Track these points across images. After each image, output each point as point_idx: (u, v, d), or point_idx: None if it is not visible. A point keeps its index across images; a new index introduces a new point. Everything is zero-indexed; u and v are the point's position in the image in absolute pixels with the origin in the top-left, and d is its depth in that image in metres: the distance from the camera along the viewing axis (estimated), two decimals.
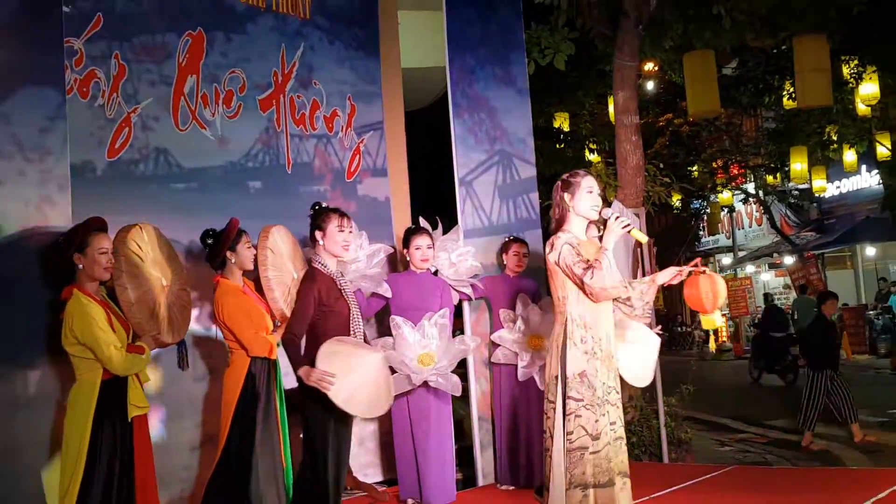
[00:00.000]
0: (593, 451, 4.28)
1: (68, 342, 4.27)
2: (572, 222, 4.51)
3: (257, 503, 4.79)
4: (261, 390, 4.90)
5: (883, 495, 5.57)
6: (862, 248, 24.21)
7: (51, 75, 4.78)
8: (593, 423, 4.30)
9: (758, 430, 11.83)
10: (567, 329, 4.37)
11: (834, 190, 23.47)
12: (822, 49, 9.91)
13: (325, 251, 4.98)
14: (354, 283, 5.89)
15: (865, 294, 24.25)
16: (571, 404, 4.29)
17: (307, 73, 6.67)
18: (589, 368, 4.33)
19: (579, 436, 4.27)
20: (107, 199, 5.24)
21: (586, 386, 4.31)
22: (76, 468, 4.16)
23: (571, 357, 4.33)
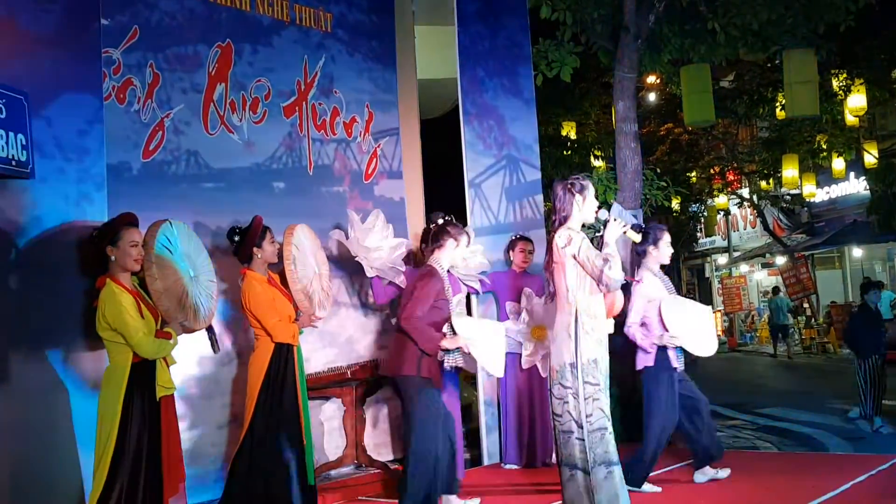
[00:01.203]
0: (611, 432, 4.38)
1: (101, 328, 4.27)
2: (574, 222, 4.54)
3: (280, 480, 4.83)
4: (283, 374, 4.96)
5: (861, 479, 5.52)
6: (849, 249, 24.07)
7: (89, 83, 4.78)
8: (606, 406, 4.39)
9: (748, 417, 11.77)
10: (578, 318, 4.39)
11: (823, 195, 23.33)
12: (810, 62, 9.82)
13: (444, 258, 5.21)
14: (374, 269, 5.92)
15: (852, 292, 24.08)
16: (589, 388, 4.36)
17: (328, 82, 6.67)
18: (599, 356, 4.39)
19: (598, 417, 4.36)
20: (141, 196, 5.27)
21: (600, 372, 4.41)
22: (108, 443, 4.17)
23: (585, 344, 4.37)
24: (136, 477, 4.22)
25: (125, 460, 4.19)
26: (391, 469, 6.10)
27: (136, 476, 4.22)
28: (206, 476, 5.37)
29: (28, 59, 4.46)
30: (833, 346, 20.67)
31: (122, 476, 4.17)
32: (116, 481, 4.16)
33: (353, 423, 6.15)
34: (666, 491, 5.58)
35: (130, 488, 4.19)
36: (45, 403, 4.35)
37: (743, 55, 10.24)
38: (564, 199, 4.56)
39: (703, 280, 32.61)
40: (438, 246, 5.22)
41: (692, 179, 21.49)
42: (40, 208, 4.44)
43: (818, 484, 5.41)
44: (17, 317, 4.30)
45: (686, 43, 8.97)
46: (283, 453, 4.85)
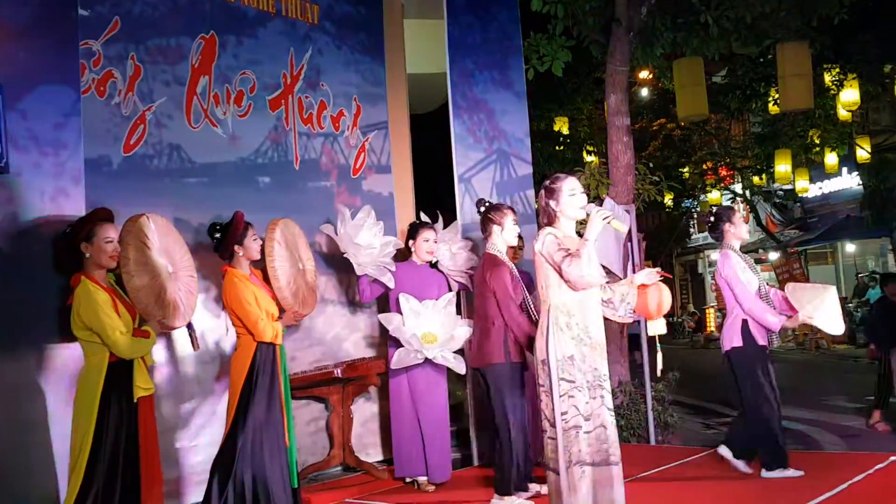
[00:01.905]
0: (587, 431, 4.17)
1: (76, 327, 4.20)
2: (561, 224, 4.38)
3: (261, 481, 4.73)
4: (266, 374, 4.87)
5: (859, 479, 5.42)
6: (842, 244, 24.11)
7: (67, 74, 4.68)
8: (584, 405, 4.18)
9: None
10: (551, 315, 4.24)
11: (816, 190, 23.31)
12: (803, 55, 9.70)
13: (503, 241, 5.32)
14: (363, 267, 5.80)
15: (845, 288, 24.10)
16: (564, 385, 4.17)
17: (315, 75, 6.56)
18: (577, 353, 4.20)
19: (573, 415, 4.17)
20: (122, 191, 5.18)
21: (577, 369, 4.19)
22: (84, 444, 4.10)
23: (557, 341, 4.20)
24: (112, 480, 4.13)
25: (101, 463, 4.11)
26: (379, 470, 5.98)
27: (113, 479, 4.14)
28: (188, 479, 5.25)
29: (2, 50, 4.35)
30: (826, 341, 20.61)
31: (98, 479, 4.10)
32: (92, 485, 4.08)
33: (341, 423, 6.03)
34: (660, 488, 5.48)
35: (106, 492, 4.11)
36: (19, 404, 4.25)
37: (736, 49, 10.14)
38: (543, 203, 4.43)
39: (696, 276, 32.61)
40: (487, 235, 5.37)
41: (685, 175, 21.44)
42: (15, 204, 4.35)
43: (815, 484, 5.31)
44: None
45: (678, 36, 8.87)
46: (266, 455, 4.74)
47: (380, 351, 6.42)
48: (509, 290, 5.11)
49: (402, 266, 6.03)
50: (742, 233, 5.77)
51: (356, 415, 6.25)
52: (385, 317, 5.77)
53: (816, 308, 5.56)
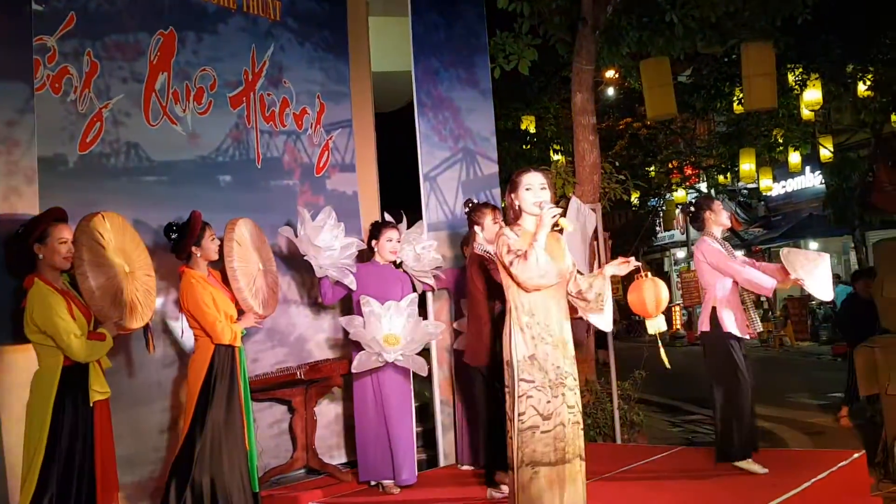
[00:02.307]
0: (544, 431, 4.10)
1: (30, 330, 4.10)
2: (525, 220, 4.31)
3: (220, 485, 4.65)
4: (224, 377, 4.80)
5: (822, 476, 5.41)
6: (805, 242, 24.28)
7: (19, 70, 4.55)
8: (544, 404, 4.11)
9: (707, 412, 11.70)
10: (511, 316, 4.19)
11: (780, 189, 23.55)
12: (767, 55, 9.76)
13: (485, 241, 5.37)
14: (323, 269, 5.70)
15: None
16: (523, 385, 4.12)
17: (277, 72, 6.46)
18: (538, 353, 4.14)
19: (531, 415, 4.11)
20: (78, 191, 5.06)
21: (537, 368, 4.13)
22: (37, 451, 4.01)
23: (518, 342, 4.15)
24: (67, 486, 4.05)
25: (55, 469, 4.02)
26: (343, 472, 5.89)
27: (68, 485, 4.05)
28: (146, 485, 5.13)
29: None
30: (790, 339, 20.83)
31: (52, 485, 4.01)
32: (46, 491, 4.00)
33: (304, 425, 5.93)
34: (624, 487, 5.44)
35: (61, 498, 4.02)
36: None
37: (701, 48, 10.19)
38: (508, 199, 4.38)
39: (663, 274, 32.75)
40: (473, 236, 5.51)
41: (651, 174, 21.55)
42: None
43: (780, 481, 5.30)
44: None
45: (644, 35, 8.88)
46: (224, 459, 4.67)
47: (344, 352, 6.33)
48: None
49: (364, 267, 5.94)
50: (723, 219, 5.90)
51: (320, 417, 6.15)
52: (346, 319, 5.68)
53: (809, 272, 5.58)
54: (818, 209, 21.08)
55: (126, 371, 5.14)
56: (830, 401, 11.31)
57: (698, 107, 17.61)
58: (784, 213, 24.47)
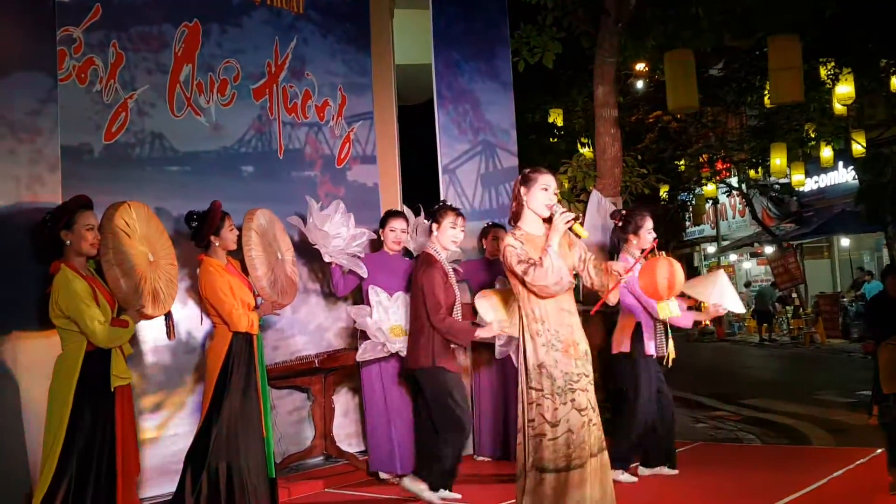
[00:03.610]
0: (551, 438, 4.15)
1: (54, 315, 4.17)
2: (526, 217, 4.31)
3: (237, 471, 4.72)
4: (242, 364, 4.85)
5: (839, 473, 5.44)
6: (838, 238, 24.10)
7: (43, 61, 4.64)
8: (552, 412, 4.15)
9: (732, 408, 11.68)
10: (524, 324, 4.23)
11: (812, 184, 23.33)
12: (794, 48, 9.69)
13: (438, 242, 5.24)
14: (334, 257, 5.78)
15: (841, 282, 24.12)
16: (532, 394, 4.18)
17: (300, 64, 6.54)
18: (547, 360, 4.18)
19: (539, 423, 4.16)
20: (103, 180, 5.16)
21: (545, 377, 4.17)
22: (58, 435, 4.06)
23: (530, 350, 4.20)
24: (86, 470, 4.11)
25: (75, 452, 4.09)
26: (360, 460, 5.98)
27: (87, 469, 4.12)
28: (166, 468, 5.23)
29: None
30: (820, 336, 20.65)
31: (71, 468, 4.07)
32: (66, 473, 4.06)
33: (322, 412, 6.03)
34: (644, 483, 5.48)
35: (80, 481, 4.09)
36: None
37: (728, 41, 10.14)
38: (516, 190, 4.34)
39: (692, 269, 32.56)
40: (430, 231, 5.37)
41: (681, 167, 21.41)
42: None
43: (797, 478, 5.32)
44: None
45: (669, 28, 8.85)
46: (241, 446, 4.73)
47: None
48: (436, 292, 5.00)
49: (374, 257, 6.00)
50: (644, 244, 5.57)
51: (338, 405, 6.24)
52: (355, 309, 5.76)
53: (722, 294, 5.46)
54: (850, 205, 20.82)
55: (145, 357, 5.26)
56: (858, 399, 11.22)
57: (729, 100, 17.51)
58: (816, 208, 24.22)
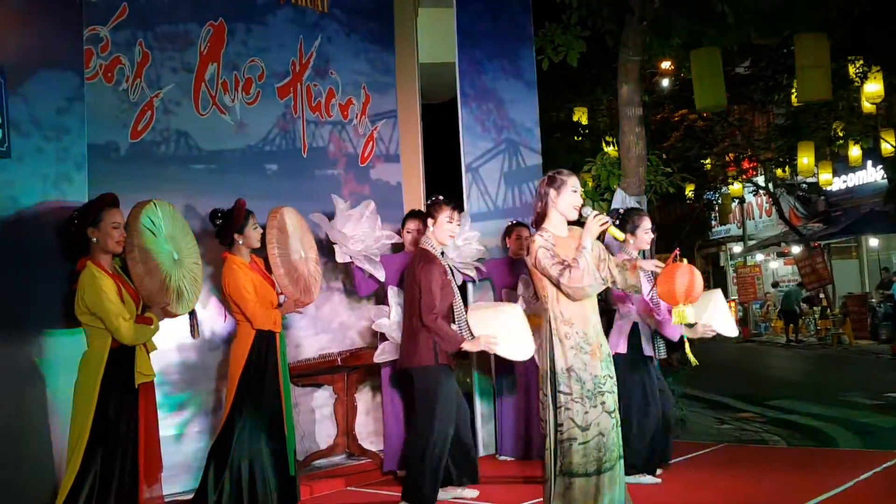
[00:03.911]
0: (582, 442, 4.15)
1: (80, 311, 4.19)
2: (552, 219, 4.31)
3: (258, 468, 4.75)
4: (264, 362, 4.87)
5: (866, 476, 5.38)
6: (866, 239, 23.88)
7: (70, 59, 4.67)
8: (582, 415, 4.15)
9: (757, 409, 11.60)
10: (552, 326, 4.21)
11: (840, 184, 23.12)
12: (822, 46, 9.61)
13: (434, 238, 5.08)
14: (354, 258, 5.80)
15: (869, 283, 23.88)
16: (561, 398, 4.17)
17: (324, 63, 6.57)
18: (576, 363, 4.17)
19: (569, 427, 4.15)
20: (129, 177, 5.18)
21: (574, 380, 4.16)
22: (83, 430, 4.09)
23: (558, 354, 4.18)
24: (110, 465, 4.14)
25: (99, 447, 4.11)
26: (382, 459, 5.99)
27: (111, 464, 4.14)
28: (191, 465, 5.28)
29: (4, 34, 4.35)
30: (848, 337, 20.46)
31: (96, 463, 4.10)
32: (90, 469, 4.09)
33: (345, 411, 6.04)
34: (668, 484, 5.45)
35: (104, 476, 4.12)
36: (19, 388, 4.26)
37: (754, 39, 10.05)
38: (542, 190, 4.34)
39: (718, 269, 32.38)
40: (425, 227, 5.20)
41: (707, 167, 21.30)
42: (16, 188, 4.36)
43: (821, 480, 5.28)
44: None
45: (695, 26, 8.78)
46: (263, 443, 4.76)
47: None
48: (433, 291, 4.88)
49: (395, 258, 6.00)
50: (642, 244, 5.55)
51: (361, 403, 6.26)
52: (375, 309, 5.77)
53: (713, 315, 5.39)
54: (879, 204, 20.68)
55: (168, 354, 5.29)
56: (886, 400, 11.13)
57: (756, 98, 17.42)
58: (844, 208, 24.00)
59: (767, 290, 27.42)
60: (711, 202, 25.61)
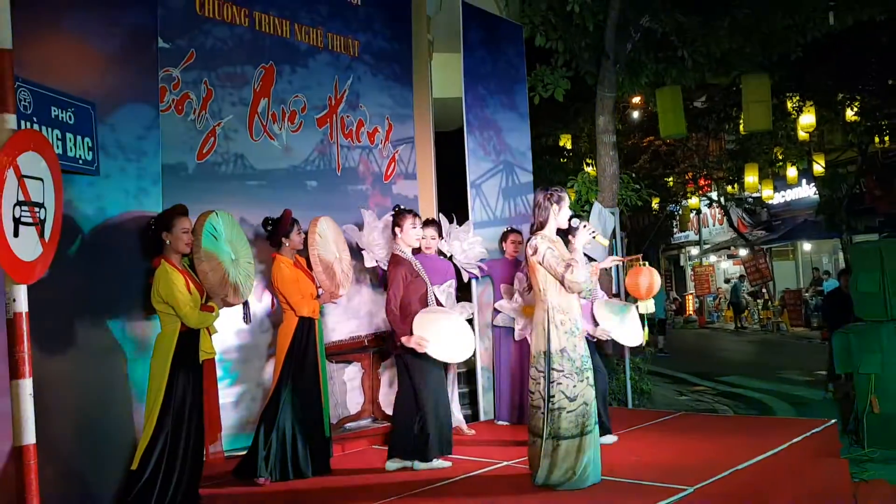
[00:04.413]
0: (570, 411, 4.21)
1: (155, 301, 4.23)
2: (550, 227, 4.40)
3: (300, 430, 4.77)
4: (305, 343, 4.89)
5: (798, 439, 5.36)
6: (801, 244, 23.80)
7: (148, 95, 4.67)
8: (571, 389, 4.21)
9: (710, 384, 11.59)
10: (549, 314, 4.25)
11: (780, 198, 23.03)
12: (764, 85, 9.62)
13: (402, 242, 5.04)
14: (374, 260, 5.82)
15: (803, 280, 23.79)
16: (554, 374, 4.22)
17: (355, 98, 6.56)
18: (568, 345, 4.22)
19: (559, 399, 4.21)
20: (196, 191, 5.20)
21: (566, 359, 4.22)
22: (157, 399, 4.13)
23: (554, 337, 4.22)
24: (178, 428, 4.17)
25: (170, 413, 4.14)
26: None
27: (179, 427, 4.18)
28: (244, 427, 5.30)
29: (96, 74, 4.37)
30: (786, 324, 20.39)
31: (168, 426, 4.14)
32: (163, 431, 4.12)
33: (371, 383, 6.06)
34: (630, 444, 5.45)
35: (174, 437, 4.16)
36: (106, 365, 4.28)
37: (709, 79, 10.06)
38: (543, 206, 4.40)
39: (679, 268, 32.28)
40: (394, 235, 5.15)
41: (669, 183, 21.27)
42: (104, 200, 4.36)
43: (762, 442, 5.25)
44: (83, 292, 4.22)
45: (659, 67, 8.79)
46: (303, 409, 4.78)
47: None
48: (394, 287, 4.86)
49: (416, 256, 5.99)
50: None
51: (384, 377, 6.26)
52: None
53: (616, 325, 5.41)
54: (812, 216, 20.62)
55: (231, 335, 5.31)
56: (815, 377, 11.11)
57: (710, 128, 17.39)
58: (783, 218, 23.91)
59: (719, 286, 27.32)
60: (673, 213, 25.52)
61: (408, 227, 5.08)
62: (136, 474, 4.05)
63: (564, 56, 8.35)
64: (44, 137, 3.08)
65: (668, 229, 27.80)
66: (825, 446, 5.51)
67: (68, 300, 4.10)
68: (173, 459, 4.12)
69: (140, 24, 4.62)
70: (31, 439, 2.75)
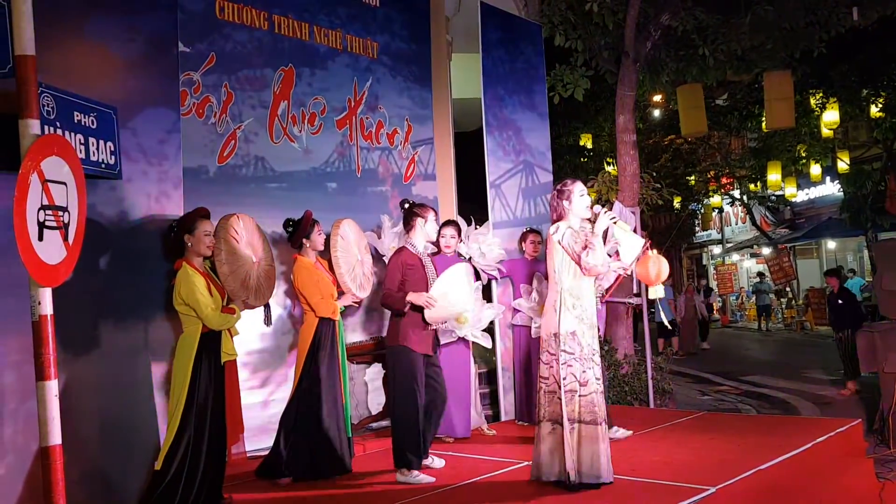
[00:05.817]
0: (581, 395, 4.19)
1: (177, 302, 4.25)
2: (570, 221, 4.38)
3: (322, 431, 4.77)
4: (326, 343, 4.89)
5: (822, 439, 5.29)
6: (825, 242, 23.50)
7: (169, 99, 4.72)
8: (581, 373, 4.21)
9: (733, 383, 11.48)
10: (561, 296, 4.24)
11: (803, 196, 22.77)
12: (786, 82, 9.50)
13: (415, 237, 4.90)
14: None
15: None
16: (564, 356, 4.21)
17: (374, 100, 6.57)
18: (578, 329, 4.22)
19: (571, 381, 4.20)
20: (217, 194, 5.23)
21: (576, 343, 4.20)
22: (180, 399, 4.15)
23: (565, 319, 4.21)
24: (201, 428, 4.19)
25: (193, 414, 4.16)
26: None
27: (202, 427, 4.19)
28: (266, 427, 5.31)
29: (117, 79, 4.43)
30: (810, 323, 20.16)
31: (190, 426, 4.15)
32: (186, 430, 4.14)
33: None
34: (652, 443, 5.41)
35: (197, 437, 4.17)
36: (129, 365, 4.33)
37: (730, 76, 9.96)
38: (553, 205, 4.45)
39: (701, 267, 32.01)
40: (409, 228, 4.94)
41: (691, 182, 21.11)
42: (127, 204, 4.42)
43: (785, 442, 5.20)
44: (107, 293, 4.28)
45: (680, 66, 8.72)
46: (325, 410, 4.77)
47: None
48: (391, 279, 4.73)
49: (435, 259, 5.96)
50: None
51: None
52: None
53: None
54: (836, 213, 20.35)
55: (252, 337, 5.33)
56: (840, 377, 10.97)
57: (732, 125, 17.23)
58: (807, 216, 23.65)
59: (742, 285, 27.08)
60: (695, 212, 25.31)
61: (431, 219, 4.92)
62: (159, 474, 4.08)
63: (584, 55, 8.31)
64: (67, 142, 3.11)
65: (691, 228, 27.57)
66: (850, 446, 5.44)
67: (92, 303, 4.15)
68: (197, 460, 4.14)
69: (160, 29, 4.67)
70: (56, 440, 2.79)
